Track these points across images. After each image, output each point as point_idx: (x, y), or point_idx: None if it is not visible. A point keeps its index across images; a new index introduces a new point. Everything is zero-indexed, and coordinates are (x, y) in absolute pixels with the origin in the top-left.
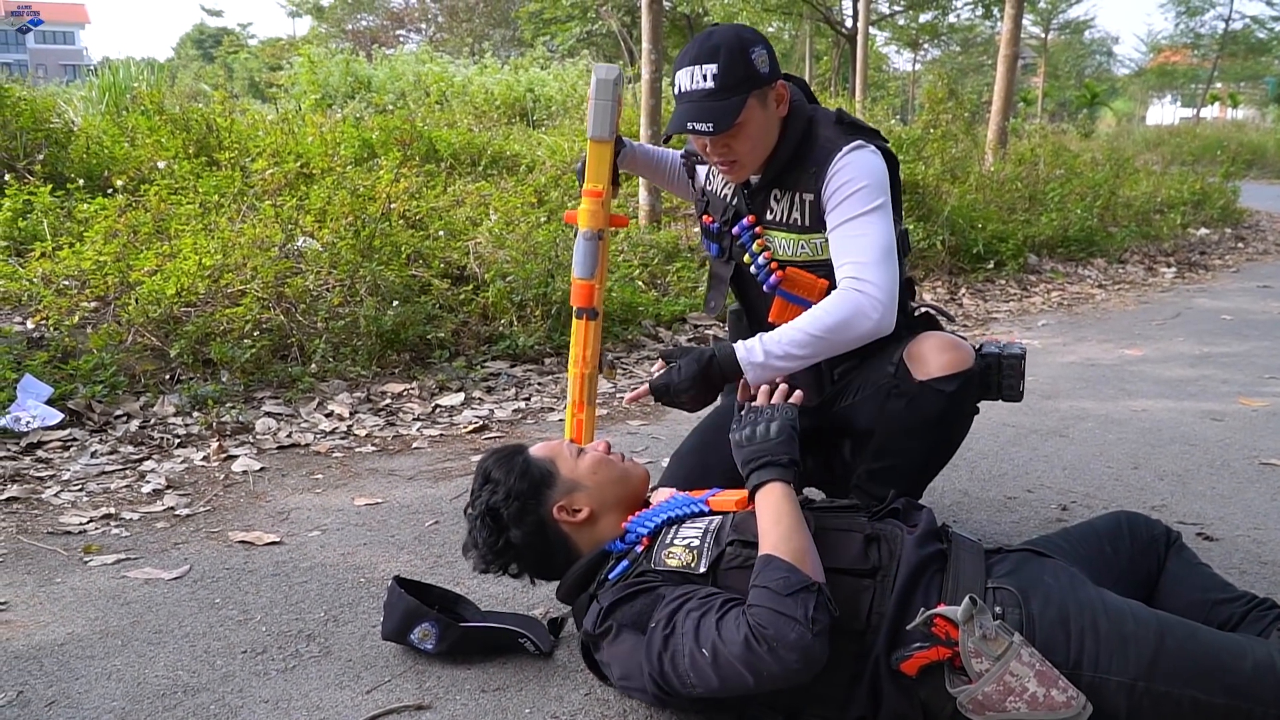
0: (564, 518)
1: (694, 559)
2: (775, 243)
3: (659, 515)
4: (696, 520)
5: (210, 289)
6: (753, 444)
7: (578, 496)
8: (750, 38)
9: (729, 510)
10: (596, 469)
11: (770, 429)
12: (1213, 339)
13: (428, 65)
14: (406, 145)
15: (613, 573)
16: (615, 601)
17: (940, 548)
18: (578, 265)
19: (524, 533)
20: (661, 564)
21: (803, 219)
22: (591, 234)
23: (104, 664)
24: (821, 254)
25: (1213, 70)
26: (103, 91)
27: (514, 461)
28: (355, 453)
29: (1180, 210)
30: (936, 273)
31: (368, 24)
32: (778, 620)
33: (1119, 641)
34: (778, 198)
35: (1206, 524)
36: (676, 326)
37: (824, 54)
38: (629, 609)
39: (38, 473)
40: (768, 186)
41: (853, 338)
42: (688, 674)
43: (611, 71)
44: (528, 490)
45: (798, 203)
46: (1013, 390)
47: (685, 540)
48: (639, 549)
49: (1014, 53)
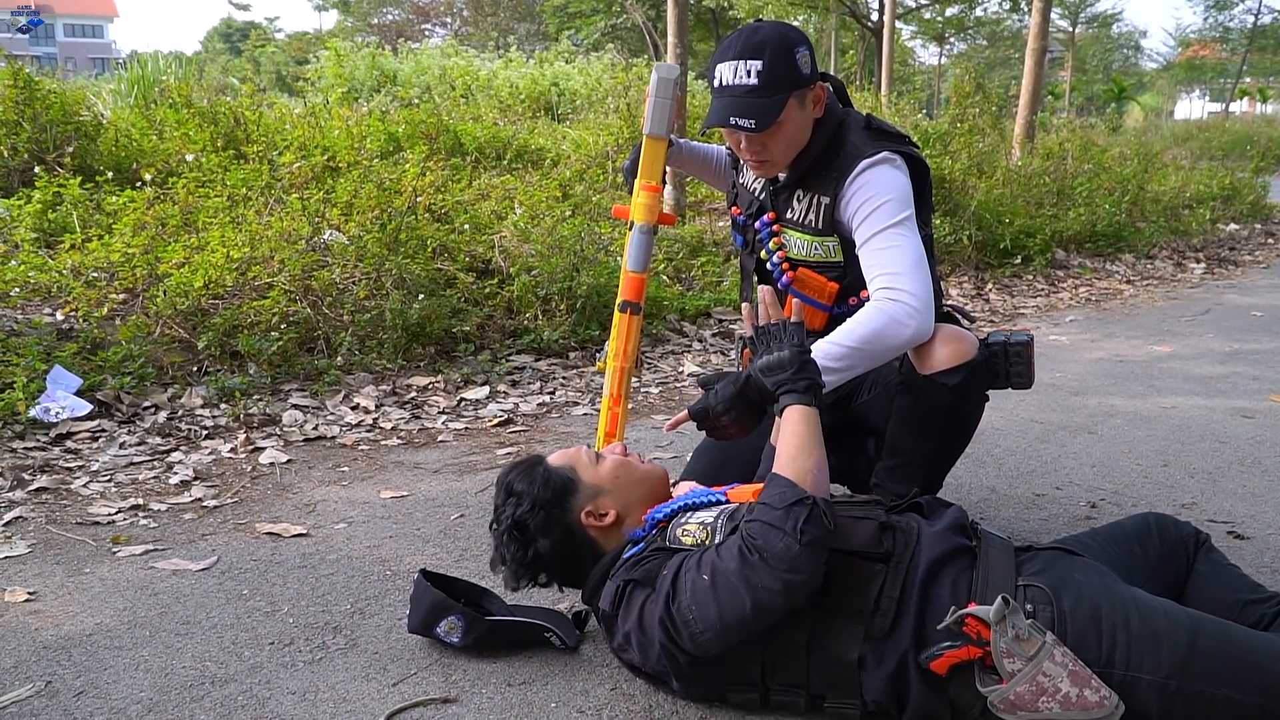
0: (591, 522)
1: (708, 536)
2: (790, 241)
3: (677, 503)
4: (714, 507)
5: (238, 281)
6: (770, 374)
7: (603, 500)
8: (795, 38)
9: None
10: (617, 472)
11: (783, 355)
12: (1242, 335)
13: (453, 59)
14: (432, 139)
15: (628, 553)
16: (630, 577)
17: (968, 543)
18: (632, 258)
19: (552, 541)
20: (676, 541)
21: (817, 220)
22: (648, 228)
23: (132, 654)
24: (834, 256)
25: (1241, 65)
26: (131, 85)
27: (535, 472)
28: (381, 445)
29: (1209, 205)
30: (963, 268)
31: (393, 18)
32: (767, 531)
33: (1151, 639)
34: (800, 198)
35: (1237, 522)
36: (701, 321)
37: (850, 48)
38: (639, 570)
39: (67, 463)
40: (793, 185)
41: (892, 346)
42: (690, 609)
43: (673, 71)
44: (552, 499)
45: (815, 205)
46: (1021, 377)
47: (700, 519)
48: (654, 532)
49: (1042, 46)
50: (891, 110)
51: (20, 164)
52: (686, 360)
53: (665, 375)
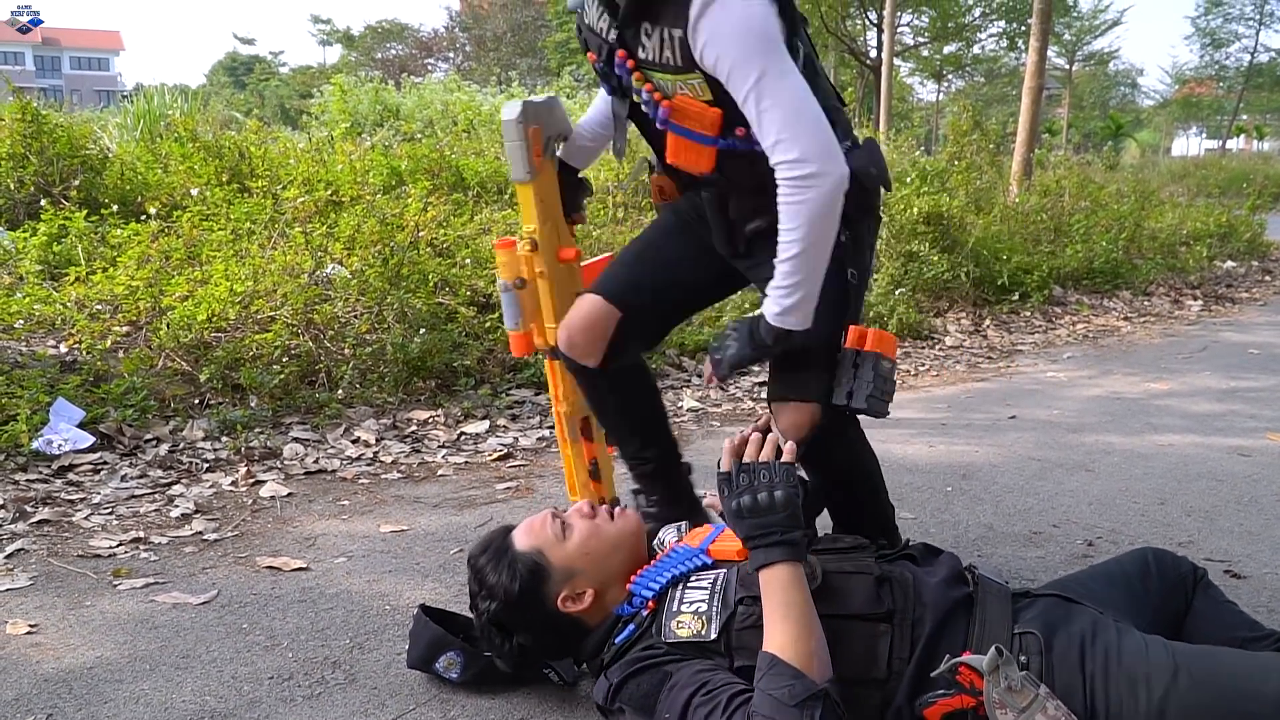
0: (570, 607)
1: (704, 625)
2: (655, 82)
3: (663, 574)
4: (701, 577)
5: (240, 315)
6: (756, 515)
7: (578, 581)
8: None
9: (731, 559)
10: (587, 546)
11: (775, 498)
12: (1240, 373)
13: (455, 94)
14: (435, 174)
15: (619, 637)
16: (623, 680)
17: (967, 591)
18: (505, 316)
19: (534, 634)
20: (671, 635)
21: (674, 58)
22: (507, 285)
23: (132, 688)
24: (702, 95)
25: (1238, 102)
26: (137, 118)
27: (503, 560)
28: (381, 479)
29: (1206, 243)
30: (961, 304)
31: (396, 53)
32: None
33: (1128, 684)
34: (648, 32)
35: (1234, 561)
36: (699, 356)
37: (849, 84)
38: (635, 689)
39: (69, 495)
40: (636, 19)
41: (824, 219)
42: None
43: (514, 109)
44: (523, 592)
45: (667, 40)
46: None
47: (693, 606)
48: (645, 613)
49: (1039, 84)
50: (890, 146)
51: (26, 197)
52: (685, 395)
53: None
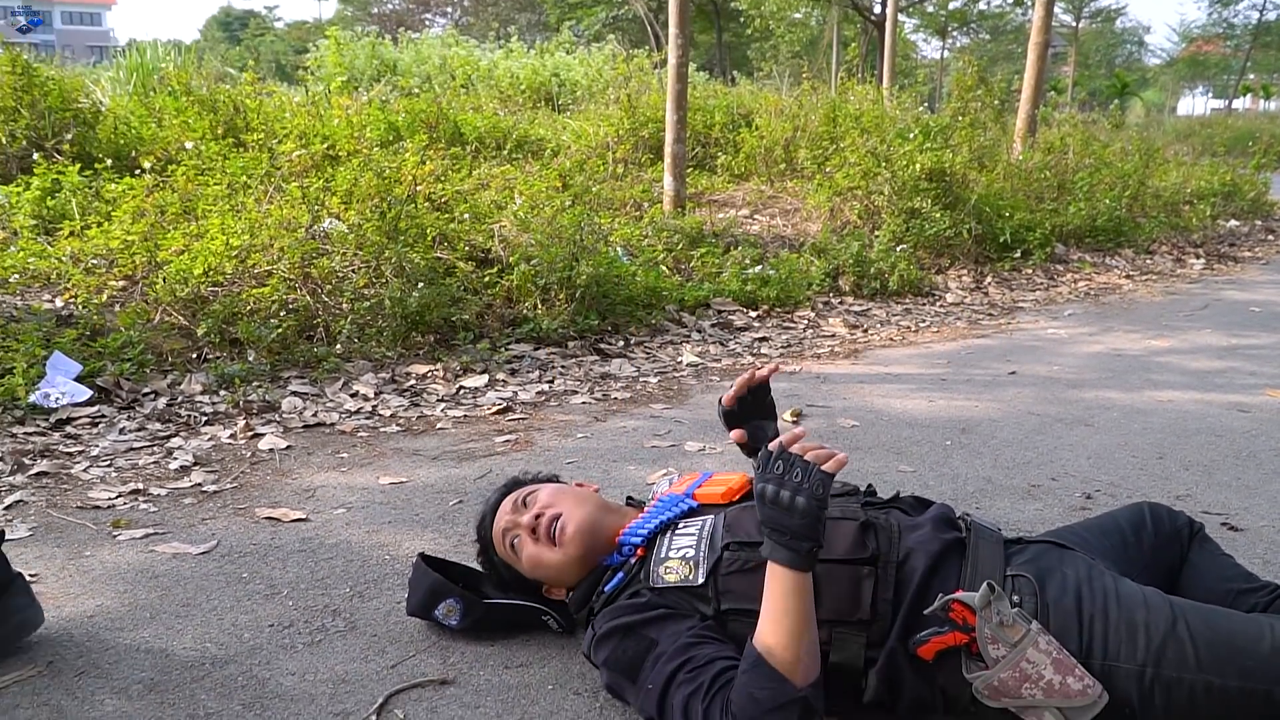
0: (554, 594)
1: (691, 570)
2: None
3: (650, 522)
4: (688, 522)
5: (237, 269)
6: (777, 509)
7: (546, 585)
8: None
9: (717, 503)
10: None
11: (795, 503)
12: (1240, 331)
13: (453, 49)
14: (432, 128)
15: (608, 585)
16: (606, 633)
17: (959, 535)
18: None
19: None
20: (660, 580)
21: None
22: None
23: (132, 635)
24: None
25: (1245, 61)
26: (130, 72)
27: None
28: (380, 432)
29: (1210, 201)
30: (963, 261)
31: (394, 7)
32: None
33: (1128, 629)
34: None
35: (1231, 514)
36: (700, 311)
37: (852, 40)
38: (621, 654)
39: (67, 448)
40: None
41: None
42: None
43: None
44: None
45: None
46: None
47: (680, 552)
48: (634, 560)
49: (1045, 40)
50: (893, 103)
51: (19, 151)
52: (685, 350)
53: (664, 365)
